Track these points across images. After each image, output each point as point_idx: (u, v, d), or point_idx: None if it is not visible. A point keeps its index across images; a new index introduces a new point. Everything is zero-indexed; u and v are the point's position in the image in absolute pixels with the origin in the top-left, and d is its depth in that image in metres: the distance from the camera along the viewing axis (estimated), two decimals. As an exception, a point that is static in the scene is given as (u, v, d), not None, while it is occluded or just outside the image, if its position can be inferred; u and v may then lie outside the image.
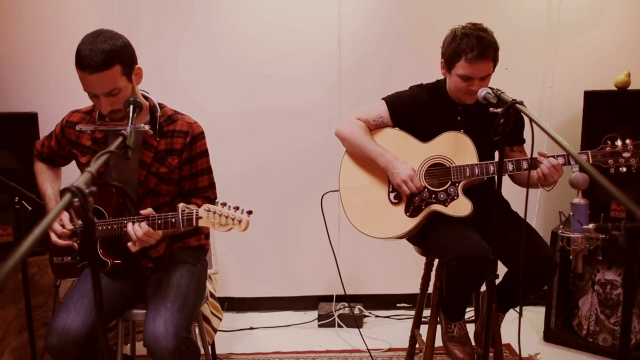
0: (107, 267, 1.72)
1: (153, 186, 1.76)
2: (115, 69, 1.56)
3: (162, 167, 1.75)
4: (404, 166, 1.89)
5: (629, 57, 2.86)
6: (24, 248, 0.72)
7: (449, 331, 1.96)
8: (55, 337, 1.58)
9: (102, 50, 1.53)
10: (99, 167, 1.07)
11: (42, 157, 1.92)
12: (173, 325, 1.57)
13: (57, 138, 1.86)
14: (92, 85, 1.57)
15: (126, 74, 1.60)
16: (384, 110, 2.00)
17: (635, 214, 0.86)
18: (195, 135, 1.78)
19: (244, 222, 1.51)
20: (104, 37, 1.56)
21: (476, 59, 1.80)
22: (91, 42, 1.54)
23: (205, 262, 1.94)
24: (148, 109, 1.77)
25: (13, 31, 2.72)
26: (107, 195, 1.73)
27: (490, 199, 1.73)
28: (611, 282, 2.50)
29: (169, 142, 1.75)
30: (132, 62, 1.63)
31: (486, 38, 1.82)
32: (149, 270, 1.82)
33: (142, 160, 1.74)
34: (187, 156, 1.77)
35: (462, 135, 1.91)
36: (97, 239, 1.70)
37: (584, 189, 1.58)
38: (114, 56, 1.55)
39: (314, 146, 2.92)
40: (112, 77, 1.55)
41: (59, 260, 1.80)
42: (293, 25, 2.83)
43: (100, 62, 1.52)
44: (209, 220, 1.53)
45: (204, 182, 1.84)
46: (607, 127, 2.47)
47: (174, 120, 1.78)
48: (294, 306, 3.09)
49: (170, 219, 1.58)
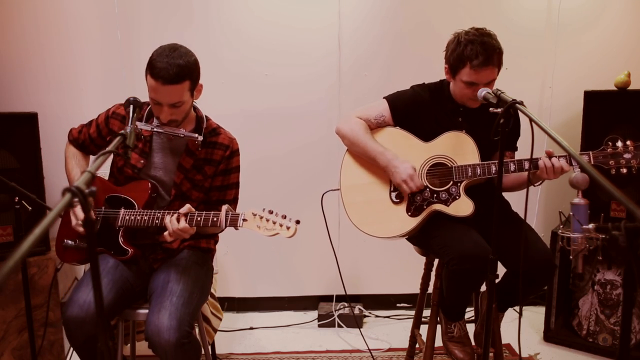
0: (128, 255, 1.77)
1: (185, 190, 1.83)
2: (185, 84, 1.66)
3: (198, 175, 1.83)
4: (404, 165, 1.89)
5: (629, 57, 2.86)
6: (24, 248, 0.72)
7: (449, 331, 1.96)
8: (77, 308, 1.62)
9: (178, 65, 1.63)
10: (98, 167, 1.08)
11: (77, 144, 1.97)
12: (177, 318, 1.59)
13: (98, 127, 1.91)
14: (161, 95, 1.65)
15: (191, 89, 1.70)
16: (385, 109, 2.00)
17: (635, 214, 0.86)
18: (234, 151, 1.89)
19: (292, 229, 1.59)
20: (180, 52, 1.66)
21: (481, 65, 1.79)
22: (168, 55, 1.64)
23: (211, 266, 1.98)
24: (195, 119, 1.86)
25: (13, 31, 2.72)
26: (142, 189, 1.80)
27: (491, 199, 1.73)
28: (611, 282, 2.50)
29: (209, 153, 1.84)
30: (198, 79, 1.73)
31: (490, 43, 1.80)
32: (158, 262, 1.85)
33: (182, 164, 1.83)
34: (223, 168, 1.87)
35: (464, 135, 1.91)
36: (119, 228, 1.77)
37: (584, 189, 1.58)
38: (187, 72, 1.65)
39: (314, 146, 2.92)
40: (180, 91, 1.66)
41: (69, 244, 1.83)
42: (293, 25, 2.82)
43: (174, 75, 1.62)
44: (254, 223, 1.60)
45: (231, 196, 1.92)
46: (607, 127, 2.47)
47: (218, 134, 1.88)
48: (294, 306, 3.09)
49: (212, 217, 1.64)
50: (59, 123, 2.64)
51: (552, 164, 1.75)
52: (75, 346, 1.70)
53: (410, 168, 1.88)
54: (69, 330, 1.65)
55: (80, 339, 1.65)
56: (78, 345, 1.69)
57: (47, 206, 2.06)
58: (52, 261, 2.28)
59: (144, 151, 1.84)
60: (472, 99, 1.87)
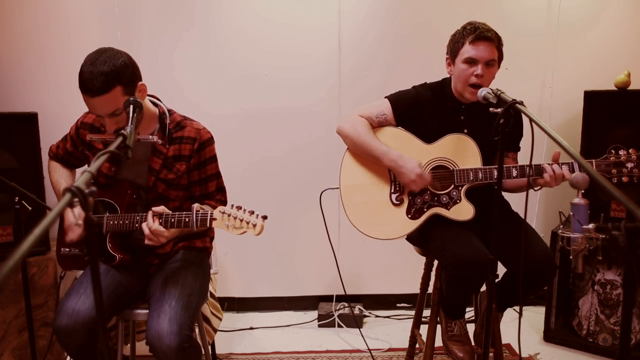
0: (115, 262, 1.76)
1: (162, 191, 1.79)
2: (116, 91, 1.55)
3: (170, 174, 1.78)
4: (411, 164, 1.86)
5: (629, 57, 2.86)
6: (24, 248, 0.72)
7: (449, 329, 1.96)
8: (65, 317, 1.61)
9: (102, 73, 1.52)
10: (98, 167, 1.07)
11: (58, 158, 1.97)
12: (177, 323, 1.58)
13: (72, 140, 1.90)
14: (94, 107, 1.58)
15: (128, 93, 1.59)
16: (387, 108, 1.98)
17: (635, 214, 0.86)
18: (203, 142, 1.79)
19: (258, 227, 1.51)
20: (104, 57, 1.55)
21: (478, 38, 1.82)
22: (91, 64, 1.54)
23: (208, 265, 1.96)
24: (157, 117, 1.78)
25: (13, 31, 2.72)
26: (120, 191, 1.77)
27: (491, 199, 1.73)
28: (611, 282, 2.50)
29: (177, 149, 1.78)
30: (134, 81, 1.62)
31: (486, 25, 1.86)
32: (153, 267, 1.84)
33: (151, 167, 1.77)
34: (195, 162, 1.79)
35: (467, 137, 1.90)
36: (106, 233, 1.75)
37: (584, 189, 1.57)
38: (114, 77, 1.53)
39: (314, 146, 2.92)
40: (113, 99, 1.55)
41: (66, 252, 1.83)
42: (292, 24, 2.82)
43: (100, 85, 1.52)
44: (223, 222, 1.54)
45: (213, 187, 1.86)
46: (607, 127, 2.48)
47: (183, 127, 1.79)
48: (294, 306, 3.09)
49: (184, 218, 1.60)
50: (59, 123, 2.63)
51: (554, 171, 1.75)
52: (70, 353, 1.70)
53: (417, 167, 1.86)
54: (61, 339, 1.64)
55: (72, 346, 1.65)
56: (72, 352, 1.68)
57: (47, 206, 2.06)
58: (52, 261, 2.28)
59: (112, 159, 1.78)
60: (472, 82, 1.84)
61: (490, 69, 1.85)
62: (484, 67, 1.83)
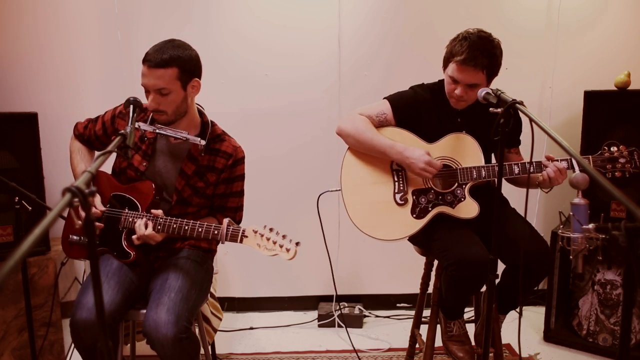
0: (130, 259, 1.77)
1: (187, 196, 1.82)
2: (172, 71, 1.64)
3: (200, 182, 1.82)
4: (417, 153, 1.85)
5: (629, 57, 2.86)
6: (24, 248, 0.72)
7: (448, 330, 1.96)
8: (86, 311, 1.60)
9: (168, 52, 1.64)
10: (98, 167, 1.07)
11: (83, 139, 1.96)
12: (175, 313, 1.59)
13: (104, 125, 1.90)
14: (147, 78, 1.65)
15: (181, 80, 1.68)
16: (387, 108, 1.98)
17: (635, 214, 0.86)
18: (237, 159, 1.86)
19: (292, 252, 1.59)
20: (178, 43, 1.69)
21: (463, 63, 1.79)
22: (165, 43, 1.67)
23: (211, 266, 1.97)
24: (200, 124, 1.84)
25: (13, 31, 2.72)
26: (145, 191, 1.79)
27: (491, 197, 1.73)
28: (611, 282, 2.50)
29: (211, 160, 1.83)
30: (192, 73, 1.71)
31: (482, 45, 1.78)
32: (159, 261, 1.85)
33: (184, 170, 1.81)
34: (225, 176, 1.85)
35: (468, 137, 1.91)
36: (123, 229, 1.77)
37: (584, 189, 1.58)
38: (176, 59, 1.65)
39: (314, 146, 2.92)
40: (166, 76, 1.64)
41: (74, 240, 1.83)
42: (292, 25, 2.82)
43: (160, 59, 1.62)
44: (254, 241, 1.61)
45: (234, 204, 1.92)
46: (607, 127, 2.48)
47: (222, 140, 1.86)
48: (294, 306, 3.09)
49: (213, 230, 1.65)
50: (59, 123, 2.64)
51: (557, 167, 1.77)
52: (82, 349, 1.67)
53: (424, 154, 1.84)
54: (77, 333, 1.62)
55: (88, 342, 1.63)
56: (85, 348, 1.66)
57: (47, 206, 2.06)
58: (52, 261, 2.28)
59: (146, 154, 1.82)
60: (454, 97, 1.88)
61: (473, 89, 1.83)
62: (464, 88, 1.84)
